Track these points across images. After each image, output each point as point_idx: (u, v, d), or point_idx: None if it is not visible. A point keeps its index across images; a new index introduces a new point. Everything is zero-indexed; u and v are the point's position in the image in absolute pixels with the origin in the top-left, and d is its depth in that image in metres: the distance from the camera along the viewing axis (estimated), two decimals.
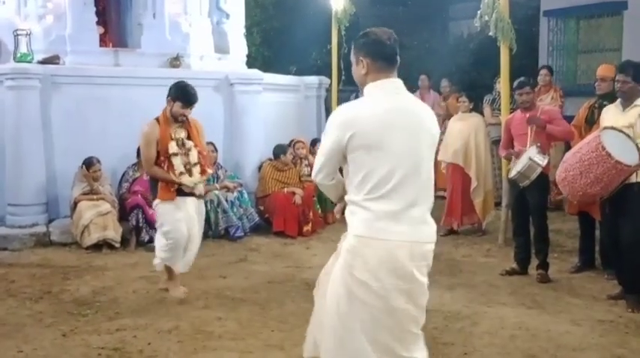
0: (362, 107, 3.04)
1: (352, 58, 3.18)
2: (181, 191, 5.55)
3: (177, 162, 5.47)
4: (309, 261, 7.08)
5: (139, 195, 7.76)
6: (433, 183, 3.12)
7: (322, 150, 3.11)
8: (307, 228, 8.39)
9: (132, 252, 7.45)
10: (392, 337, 3.01)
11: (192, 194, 5.61)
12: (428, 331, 4.88)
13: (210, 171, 5.78)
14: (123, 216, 7.74)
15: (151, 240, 7.53)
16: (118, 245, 7.47)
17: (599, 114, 5.88)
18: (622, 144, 5.11)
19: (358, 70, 3.14)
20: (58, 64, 8.47)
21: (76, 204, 7.56)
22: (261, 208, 8.61)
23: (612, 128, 5.22)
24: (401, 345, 3.02)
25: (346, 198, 3.09)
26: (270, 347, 4.67)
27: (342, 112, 3.06)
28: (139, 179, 7.96)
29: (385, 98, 3.04)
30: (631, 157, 5.09)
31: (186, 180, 5.48)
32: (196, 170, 5.56)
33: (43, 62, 8.35)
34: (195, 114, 8.49)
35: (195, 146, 5.60)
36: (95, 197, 7.60)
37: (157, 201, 5.61)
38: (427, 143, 3.08)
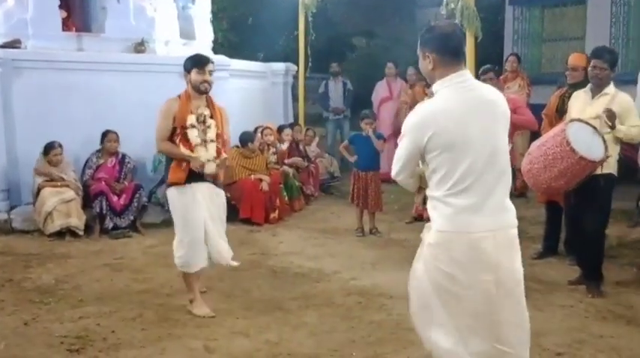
0: (436, 106, 3.04)
1: (419, 52, 3.19)
2: (194, 175, 4.99)
3: (194, 135, 4.98)
4: (275, 249, 7.08)
5: (103, 182, 7.69)
6: (510, 166, 3.17)
7: (401, 151, 3.12)
8: (274, 215, 8.38)
9: (95, 239, 7.37)
10: (482, 326, 3.04)
11: (204, 179, 5.04)
12: (392, 317, 4.95)
13: (225, 155, 5.18)
14: (86, 203, 7.65)
15: (115, 228, 7.49)
16: (81, 233, 7.39)
17: None
18: (588, 138, 5.07)
19: (425, 66, 3.15)
20: (19, 48, 8.33)
21: (39, 190, 7.45)
22: (228, 195, 8.52)
23: (579, 120, 5.18)
24: (492, 337, 3.04)
25: (427, 192, 3.14)
26: (235, 334, 4.67)
27: (418, 113, 3.06)
28: (103, 166, 7.88)
29: (457, 93, 3.04)
30: (596, 151, 5.05)
31: (198, 153, 4.95)
32: (212, 147, 5.04)
33: (4, 46, 8.20)
34: (160, 99, 8.38)
35: (217, 126, 5.12)
36: (59, 184, 7.50)
37: (170, 191, 5.10)
38: (502, 128, 3.13)
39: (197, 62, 5.05)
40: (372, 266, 6.37)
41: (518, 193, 8.85)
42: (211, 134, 5.07)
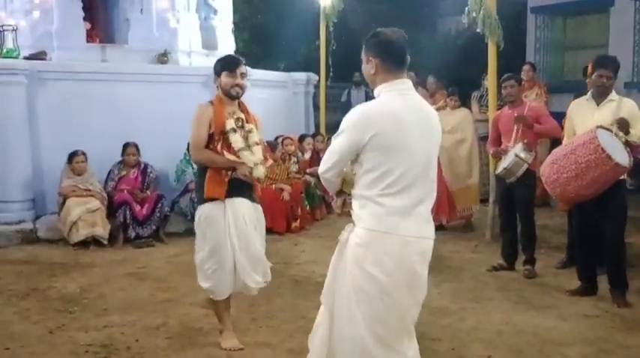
0: (381, 107, 3.05)
1: (362, 56, 3.18)
2: (234, 189, 4.47)
3: (236, 138, 4.49)
4: (297, 258, 7.09)
5: (125, 191, 7.75)
6: (436, 180, 3.20)
7: (337, 148, 3.09)
8: (295, 224, 8.39)
9: (119, 248, 7.43)
10: (391, 332, 3.07)
11: (246, 194, 4.57)
12: (415, 327, 4.92)
13: (270, 161, 4.81)
14: (110, 212, 7.71)
15: (138, 237, 7.55)
16: (105, 242, 7.45)
17: None
18: (615, 144, 5.08)
19: (368, 70, 3.16)
20: (44, 59, 8.44)
21: (64, 200, 7.52)
22: None
23: (603, 127, 5.16)
24: (397, 340, 3.09)
25: (354, 192, 3.11)
26: (258, 343, 4.67)
27: (361, 112, 3.05)
28: (125, 177, 7.93)
29: (398, 99, 3.07)
30: (623, 157, 5.07)
31: (246, 157, 4.47)
32: (257, 150, 4.59)
33: (30, 58, 8.31)
34: (182, 110, 8.44)
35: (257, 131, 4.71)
36: (84, 193, 7.57)
37: (199, 209, 4.60)
38: (436, 143, 3.17)
39: (227, 64, 4.62)
40: None
41: (541, 202, 8.80)
42: (254, 137, 4.63)
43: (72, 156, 7.69)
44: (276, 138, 9.11)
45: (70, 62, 8.43)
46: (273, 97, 9.99)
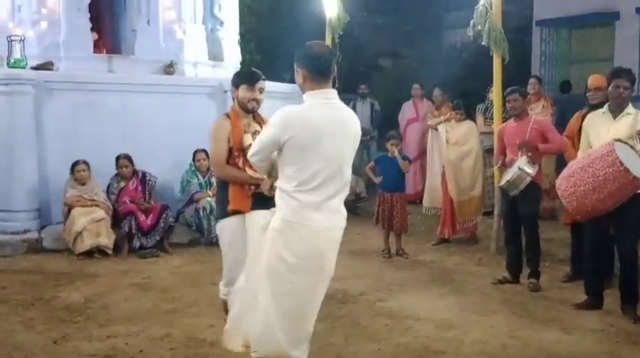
0: (302, 113, 3.50)
1: (295, 66, 3.62)
2: (256, 202, 4.35)
3: None
4: None
5: (128, 202, 7.77)
6: (350, 178, 3.63)
7: (262, 138, 3.60)
8: None
9: (124, 258, 7.44)
10: (296, 306, 3.54)
11: (267, 204, 4.06)
12: (419, 339, 4.93)
13: None
14: (115, 222, 7.72)
15: (142, 247, 7.56)
16: (110, 252, 7.46)
17: None
18: (632, 157, 5.06)
19: (297, 78, 3.62)
20: (51, 69, 8.47)
21: (69, 210, 7.54)
22: None
23: (620, 141, 5.14)
24: (302, 315, 3.58)
25: (277, 183, 3.60)
26: None
27: (285, 114, 3.51)
28: (125, 189, 7.95)
29: (320, 107, 3.50)
30: None
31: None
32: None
33: (37, 68, 8.35)
34: (188, 121, 8.51)
35: None
36: (89, 203, 7.59)
37: (219, 224, 4.59)
38: (351, 147, 3.60)
39: (247, 78, 4.72)
40: (399, 287, 6.34)
41: (548, 215, 8.78)
42: None
43: (74, 165, 7.72)
44: None
45: (77, 72, 8.47)
46: (278, 108, 10.01)
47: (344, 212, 3.62)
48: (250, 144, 4.28)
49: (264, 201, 4.22)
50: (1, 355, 4.61)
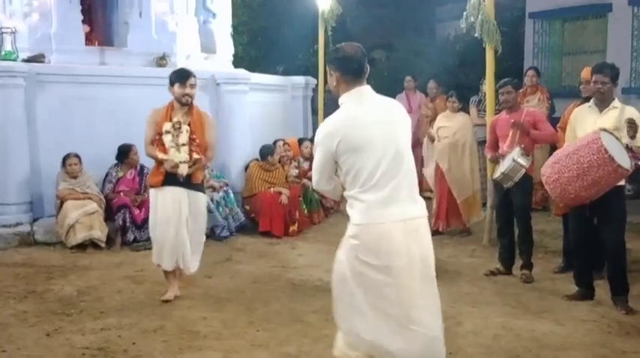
0: (341, 116, 3.44)
1: (327, 69, 3.57)
2: (170, 179, 5.54)
3: (168, 140, 5.54)
4: (294, 261, 7.09)
5: (126, 194, 7.75)
6: (414, 164, 3.51)
7: (317, 161, 3.51)
8: (293, 228, 8.40)
9: (117, 251, 7.42)
10: (395, 309, 3.35)
11: (182, 184, 5.56)
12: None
13: (197, 156, 5.58)
14: (109, 215, 7.71)
15: (136, 240, 7.54)
16: (103, 245, 7.44)
17: None
18: (617, 148, 5.10)
19: (330, 82, 3.57)
20: (43, 62, 8.43)
21: (61, 203, 7.52)
22: (247, 208, 8.60)
23: (606, 130, 5.18)
24: (404, 317, 3.34)
25: (344, 194, 3.49)
26: (255, 346, 4.68)
27: (326, 125, 3.46)
28: (123, 179, 7.95)
29: (358, 104, 3.44)
30: (625, 160, 5.08)
31: (172, 155, 5.50)
32: (184, 150, 5.55)
33: (28, 60, 8.31)
34: None
35: (192, 132, 5.59)
36: (81, 196, 7.57)
37: (150, 191, 5.74)
38: (402, 132, 3.49)
39: (179, 77, 5.59)
40: None
41: (541, 206, 8.82)
42: (183, 138, 5.55)
43: (65, 159, 7.70)
44: (275, 141, 9.12)
45: (69, 65, 8.42)
46: (271, 101, 10.01)
47: (419, 199, 3.48)
48: (166, 130, 5.55)
49: (174, 180, 5.52)
50: None
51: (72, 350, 4.60)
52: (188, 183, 5.60)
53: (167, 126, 5.56)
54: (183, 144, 5.56)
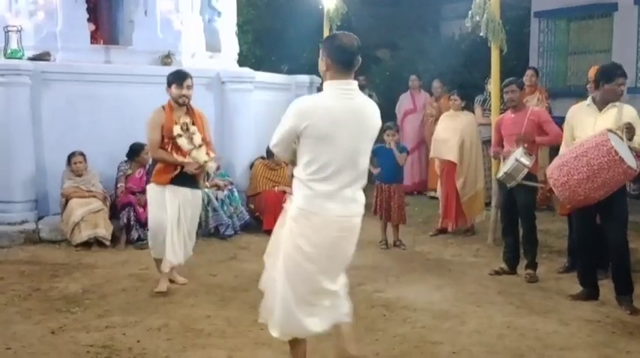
0: (318, 102, 3.59)
1: (320, 52, 3.67)
2: (178, 179, 5.67)
3: (183, 142, 5.67)
4: None
5: (132, 193, 7.76)
6: (366, 169, 3.70)
7: (281, 129, 3.63)
8: None
9: (122, 249, 7.44)
10: (308, 288, 3.67)
11: (187, 184, 5.72)
12: (416, 330, 4.94)
13: (213, 154, 5.88)
14: (113, 213, 7.72)
15: (140, 239, 7.55)
16: (108, 243, 7.45)
17: None
18: (624, 148, 5.11)
19: (321, 65, 3.66)
20: (48, 60, 8.45)
21: (66, 201, 7.53)
22: (252, 206, 8.61)
23: (611, 131, 5.19)
24: (316, 296, 3.69)
25: (294, 172, 3.69)
26: (259, 344, 4.68)
27: (302, 103, 3.60)
28: (131, 176, 7.95)
29: (338, 98, 3.55)
30: (632, 161, 5.11)
31: (195, 156, 5.67)
32: (203, 150, 5.75)
33: (34, 59, 8.32)
34: None
35: (199, 131, 5.78)
36: (86, 194, 7.58)
37: (150, 185, 5.84)
38: (367, 138, 3.67)
39: (176, 78, 5.70)
40: (397, 278, 6.35)
41: (545, 206, 8.80)
42: (198, 139, 5.73)
43: (70, 157, 7.71)
44: None
45: (74, 63, 8.43)
46: (276, 100, 9.99)
47: (361, 200, 3.68)
48: (178, 134, 5.63)
49: (186, 180, 5.69)
50: None
51: (77, 347, 4.61)
52: (195, 182, 5.83)
53: (177, 129, 5.67)
54: (200, 145, 5.74)
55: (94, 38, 9.38)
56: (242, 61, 11.15)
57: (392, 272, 6.53)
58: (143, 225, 7.59)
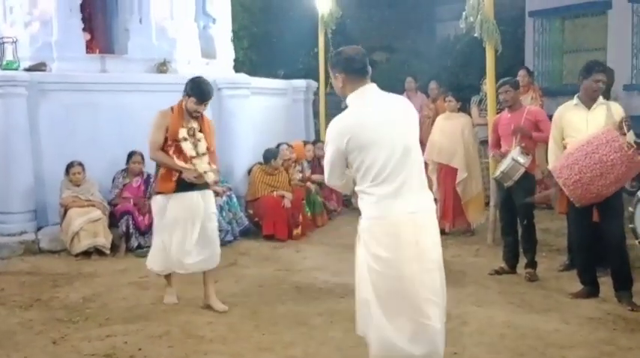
0: (351, 115, 3.56)
1: (330, 74, 3.72)
2: (183, 184, 5.41)
3: (188, 147, 5.41)
4: (299, 264, 7.10)
5: (132, 201, 7.77)
6: (422, 157, 3.69)
7: (328, 158, 3.62)
8: (297, 231, 8.40)
9: (121, 258, 7.43)
10: (405, 302, 3.46)
11: (195, 187, 5.44)
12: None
13: (214, 166, 5.57)
14: (112, 222, 7.72)
15: (140, 247, 7.55)
16: (108, 252, 7.45)
17: None
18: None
19: (336, 84, 3.68)
20: (44, 71, 8.45)
21: (65, 211, 7.53)
22: (251, 212, 8.61)
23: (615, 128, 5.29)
24: (417, 312, 3.46)
25: (355, 188, 3.60)
26: (261, 350, 4.68)
27: (336, 123, 3.57)
28: (128, 185, 7.95)
29: (366, 102, 3.56)
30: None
31: (196, 164, 5.40)
32: (205, 159, 5.48)
33: (30, 69, 8.33)
34: None
35: (205, 139, 5.55)
36: (85, 203, 7.58)
37: (157, 197, 5.55)
38: (410, 127, 3.61)
39: (199, 95, 5.39)
40: None
41: (545, 204, 8.79)
42: (202, 147, 5.49)
43: (69, 167, 7.71)
44: (278, 145, 9.13)
45: (70, 73, 8.44)
46: (273, 105, 10.02)
47: (427, 193, 3.62)
48: (184, 137, 5.39)
49: (190, 185, 5.40)
50: (1, 356, 4.62)
51: (78, 356, 4.61)
52: (201, 186, 5.53)
53: (183, 132, 5.41)
54: (204, 154, 5.49)
55: (90, 47, 9.38)
56: (238, 66, 11.17)
57: None
58: (143, 233, 7.61)
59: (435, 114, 10.15)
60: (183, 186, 5.41)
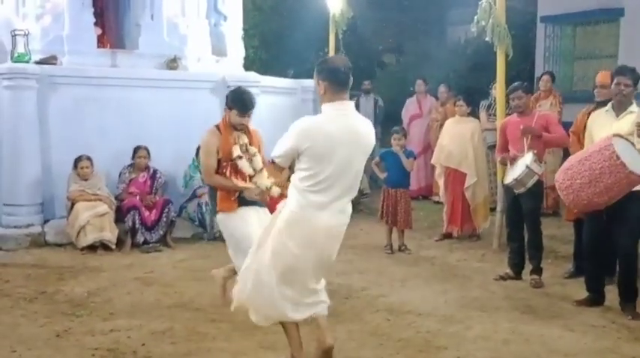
0: (318, 123, 3.87)
1: (314, 79, 3.96)
2: (243, 200, 5.17)
3: (244, 165, 5.15)
4: None
5: (137, 197, 7.79)
6: (359, 181, 4.03)
7: (283, 146, 3.91)
8: None
9: (127, 253, 7.45)
10: (297, 278, 3.98)
11: (254, 203, 5.18)
12: (421, 335, 4.94)
13: (273, 180, 5.05)
14: (118, 217, 7.73)
15: (146, 242, 7.57)
16: (113, 246, 7.47)
17: None
18: (632, 153, 5.05)
19: (318, 90, 3.95)
20: (55, 64, 8.46)
21: (72, 204, 7.55)
22: None
23: (620, 136, 5.14)
24: (300, 294, 4.02)
25: (292, 178, 3.95)
26: (264, 348, 4.69)
27: (304, 124, 3.87)
28: (135, 180, 7.97)
29: (336, 118, 3.86)
30: (638, 166, 5.03)
31: (258, 181, 5.12)
32: (264, 174, 5.12)
33: (41, 62, 8.34)
34: (191, 115, 8.52)
35: (259, 153, 5.31)
36: (92, 198, 7.60)
37: (219, 216, 5.25)
38: (362, 155, 3.97)
39: (241, 106, 5.19)
40: (401, 283, 6.35)
41: (552, 211, 8.78)
42: (258, 162, 5.22)
43: (77, 161, 7.73)
44: None
45: (81, 67, 8.46)
46: (281, 104, 10.00)
47: (348, 211, 4.01)
48: (238, 156, 5.16)
49: (245, 200, 5.18)
50: (5, 348, 4.63)
51: (82, 350, 4.62)
52: (254, 201, 5.23)
53: (237, 150, 5.16)
54: (262, 169, 5.17)
55: (101, 42, 9.40)
56: (248, 65, 11.17)
57: (397, 277, 6.53)
58: (148, 228, 7.62)
59: (443, 118, 10.14)
60: (243, 203, 5.19)
